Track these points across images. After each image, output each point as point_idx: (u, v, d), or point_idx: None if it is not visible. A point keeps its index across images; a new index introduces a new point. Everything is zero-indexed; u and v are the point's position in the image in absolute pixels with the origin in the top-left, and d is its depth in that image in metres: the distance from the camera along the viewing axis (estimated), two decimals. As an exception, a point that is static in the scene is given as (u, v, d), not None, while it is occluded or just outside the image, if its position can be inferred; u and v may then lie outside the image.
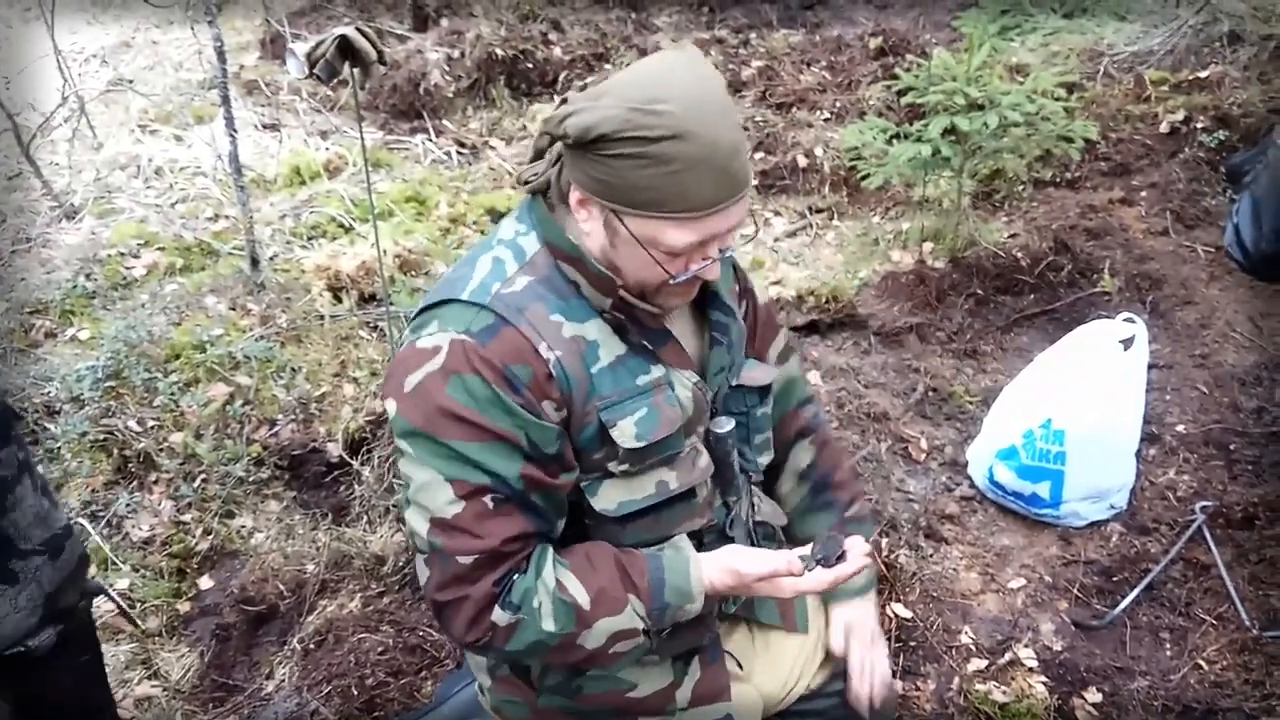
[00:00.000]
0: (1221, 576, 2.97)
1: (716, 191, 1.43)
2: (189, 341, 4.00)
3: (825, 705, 2.02)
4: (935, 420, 3.71)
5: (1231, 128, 4.94)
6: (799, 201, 5.29)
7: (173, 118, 6.19)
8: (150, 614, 3.16)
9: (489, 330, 1.50)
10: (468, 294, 1.53)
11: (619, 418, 1.59)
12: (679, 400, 1.65)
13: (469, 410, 1.49)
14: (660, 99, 1.38)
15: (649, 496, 1.66)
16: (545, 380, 1.52)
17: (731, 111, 1.46)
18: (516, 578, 1.57)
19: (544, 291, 1.56)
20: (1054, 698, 2.70)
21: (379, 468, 3.51)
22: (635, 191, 1.42)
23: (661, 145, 1.38)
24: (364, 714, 2.73)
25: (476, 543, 1.53)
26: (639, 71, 1.45)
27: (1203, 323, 3.96)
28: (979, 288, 4.22)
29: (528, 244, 1.60)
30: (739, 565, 1.63)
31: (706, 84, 1.43)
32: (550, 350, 1.52)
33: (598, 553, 1.63)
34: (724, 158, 1.41)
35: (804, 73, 6.39)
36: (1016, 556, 3.18)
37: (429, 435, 1.51)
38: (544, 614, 1.56)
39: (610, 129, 1.38)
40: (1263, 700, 2.65)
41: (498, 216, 5.16)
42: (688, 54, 1.48)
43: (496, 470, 1.51)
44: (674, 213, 1.43)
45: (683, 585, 1.62)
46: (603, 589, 1.58)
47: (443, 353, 1.50)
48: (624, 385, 1.60)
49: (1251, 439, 3.45)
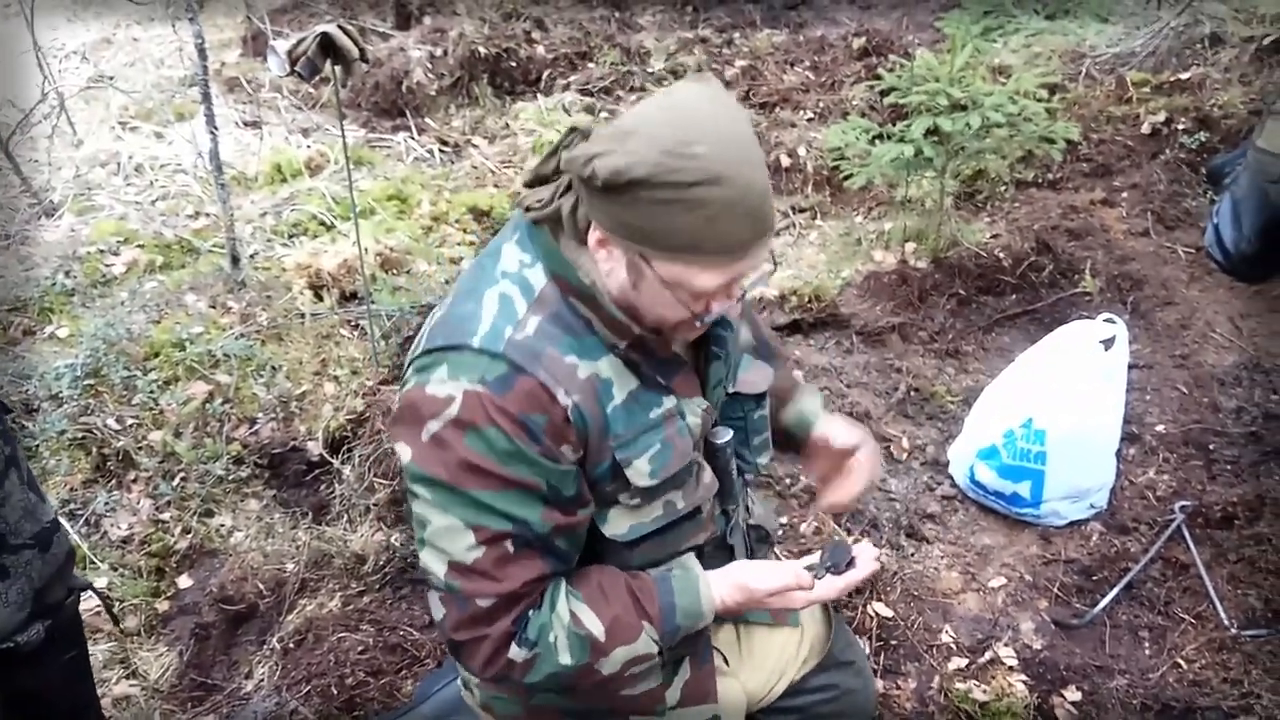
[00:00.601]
0: (1200, 576, 2.98)
1: (748, 233, 1.40)
2: (168, 339, 3.98)
3: (808, 701, 2.03)
4: (917, 420, 3.72)
5: (1212, 129, 4.97)
6: (782, 201, 5.29)
7: (153, 115, 6.16)
8: (129, 613, 3.14)
9: (503, 380, 1.46)
10: (479, 341, 1.48)
11: (634, 456, 1.57)
12: (689, 429, 1.64)
13: (489, 462, 1.46)
14: (693, 140, 1.33)
15: (658, 519, 1.65)
16: (563, 424, 1.49)
17: (759, 151, 1.41)
18: (531, 613, 1.56)
19: (556, 331, 1.52)
20: (1034, 696, 2.71)
21: (359, 466, 3.50)
22: (668, 235, 1.38)
23: (696, 190, 1.33)
24: (344, 713, 2.72)
25: (496, 586, 1.52)
26: (666, 109, 1.39)
27: (1183, 323, 3.98)
28: (961, 288, 4.23)
29: (534, 277, 1.54)
30: (749, 582, 1.63)
31: (736, 124, 1.39)
32: (568, 396, 1.49)
33: (609, 581, 1.62)
34: (757, 199, 1.38)
35: (787, 73, 6.40)
36: (997, 556, 3.18)
37: (450, 486, 1.48)
38: (560, 648, 1.56)
39: (643, 173, 1.33)
40: (1241, 699, 2.66)
41: (480, 215, 5.15)
42: (712, 88, 1.43)
43: (519, 516, 1.50)
44: (707, 256, 1.40)
45: (693, 607, 1.63)
46: (616, 618, 1.58)
47: (456, 403, 1.46)
48: (638, 421, 1.58)
49: (1231, 439, 3.47)
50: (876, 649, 2.84)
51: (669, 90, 1.45)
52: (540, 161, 1.57)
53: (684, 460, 1.63)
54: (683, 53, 6.85)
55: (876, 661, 2.80)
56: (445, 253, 4.83)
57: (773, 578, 1.62)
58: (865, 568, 1.62)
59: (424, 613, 2.99)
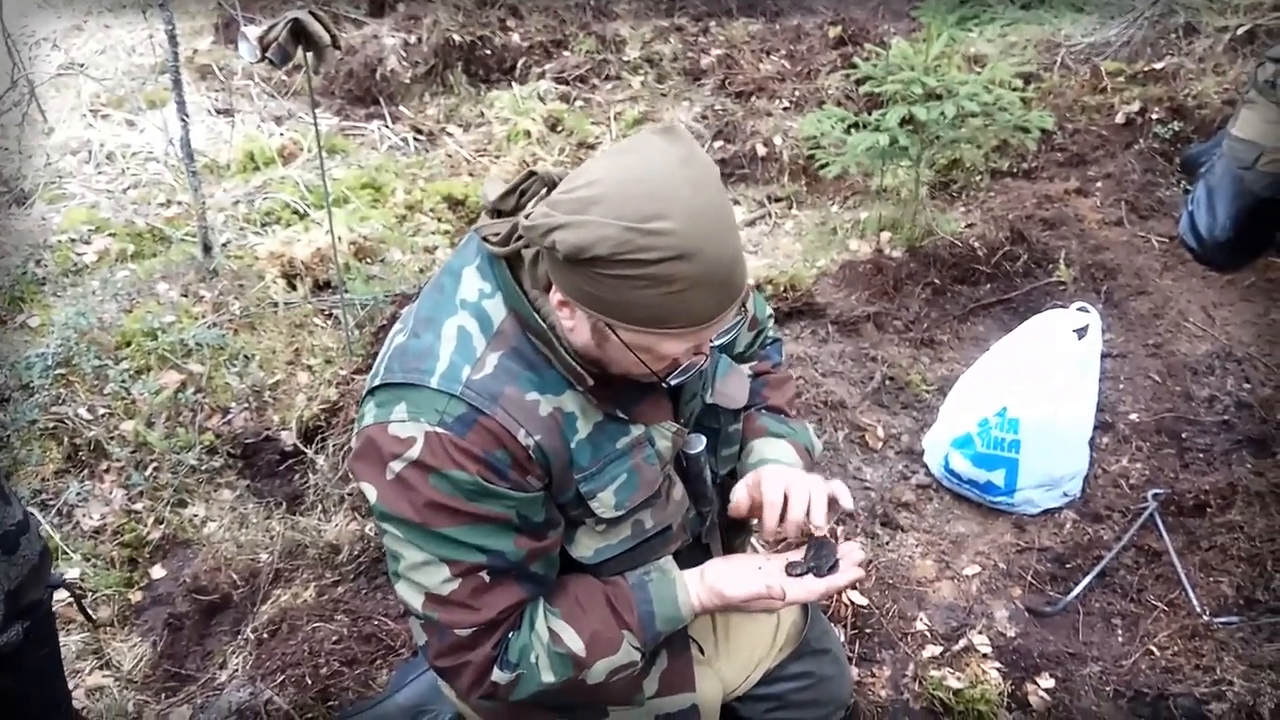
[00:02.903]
0: (1173, 563, 3.00)
1: (717, 304, 1.37)
2: (140, 329, 3.95)
3: (785, 689, 2.03)
4: (892, 409, 3.73)
5: (1186, 119, 4.99)
6: (758, 190, 5.30)
7: (125, 102, 6.09)
8: (101, 603, 3.12)
9: (463, 421, 1.44)
10: (437, 381, 1.45)
11: (598, 489, 1.56)
12: (659, 454, 1.62)
13: (456, 501, 1.45)
14: (659, 215, 1.28)
15: (625, 539, 1.64)
16: (526, 460, 1.48)
17: (730, 214, 1.37)
18: (512, 636, 1.56)
19: (516, 367, 1.49)
20: (1008, 683, 2.72)
21: (333, 456, 3.48)
22: (632, 309, 1.34)
23: (662, 267, 1.29)
24: (318, 703, 2.71)
25: (474, 615, 1.52)
26: (630, 176, 1.32)
27: (1156, 312, 4.00)
28: (936, 277, 4.23)
29: (493, 309, 1.51)
30: (724, 589, 1.63)
31: (706, 190, 1.33)
32: (529, 436, 1.47)
33: (586, 592, 1.62)
34: (725, 271, 1.34)
35: (763, 61, 6.38)
36: (971, 544, 3.20)
37: (418, 525, 1.47)
38: (542, 667, 1.56)
39: (606, 251, 1.28)
40: (1213, 685, 2.68)
41: (454, 204, 5.13)
42: (681, 146, 1.36)
43: (492, 548, 1.49)
44: (674, 329, 1.37)
45: (672, 613, 1.62)
46: (596, 633, 1.58)
47: (418, 445, 1.44)
48: (603, 452, 1.56)
49: (1203, 427, 3.49)
50: (852, 637, 2.85)
51: (635, 144, 1.38)
52: (499, 197, 1.51)
53: (651, 488, 1.61)
54: (658, 41, 6.83)
55: (852, 649, 2.81)
56: (419, 241, 4.81)
57: (748, 585, 1.61)
58: (848, 574, 1.61)
59: (399, 603, 2.98)
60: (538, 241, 1.34)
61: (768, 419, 1.92)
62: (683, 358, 1.47)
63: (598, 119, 6.01)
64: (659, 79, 6.41)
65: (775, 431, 1.89)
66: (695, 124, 5.79)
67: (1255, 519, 3.05)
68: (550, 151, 5.62)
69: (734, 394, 1.78)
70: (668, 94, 6.24)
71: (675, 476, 1.70)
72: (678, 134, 1.37)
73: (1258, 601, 2.89)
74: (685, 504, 1.72)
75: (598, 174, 1.33)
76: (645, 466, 1.60)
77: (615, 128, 5.89)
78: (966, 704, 2.67)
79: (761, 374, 2.01)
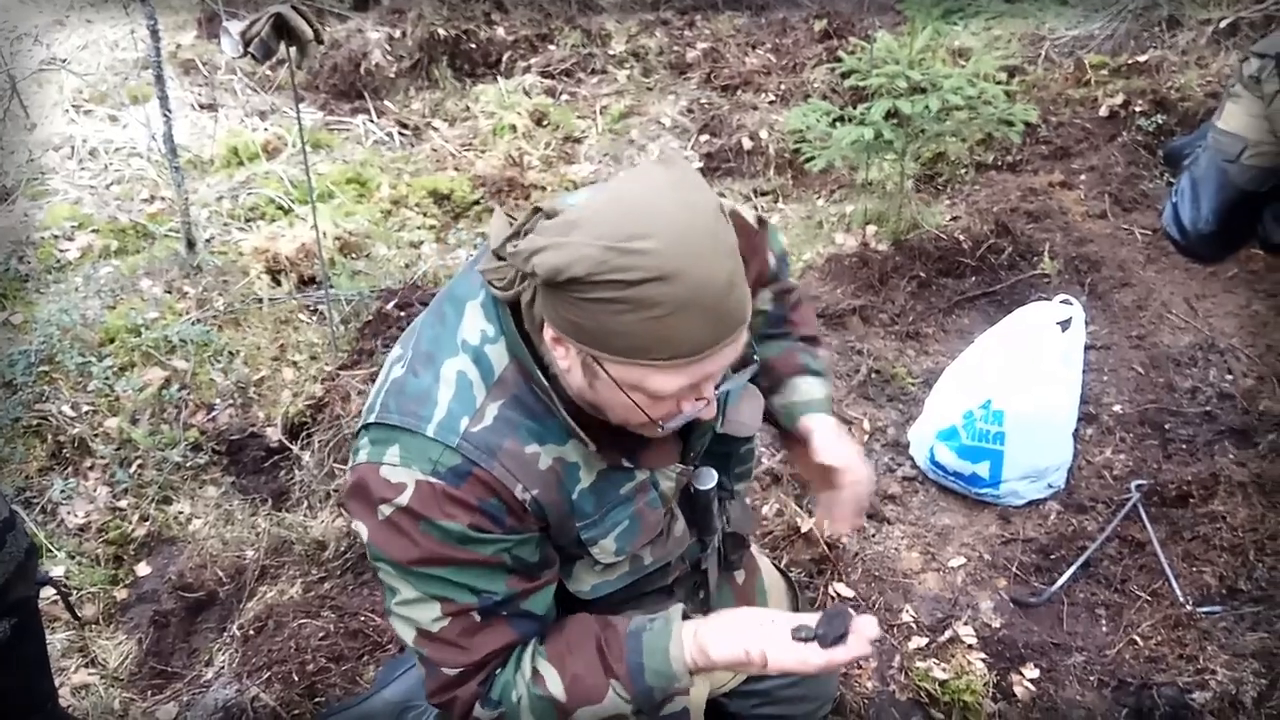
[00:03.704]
0: (1156, 553, 3.02)
1: (707, 334, 1.26)
2: (124, 325, 3.94)
3: (771, 685, 2.03)
4: (878, 402, 3.74)
5: (1169, 112, 5.00)
6: (744, 184, 5.30)
7: (107, 98, 6.07)
8: (87, 601, 3.11)
9: (457, 472, 1.40)
10: (434, 430, 1.40)
11: (599, 536, 1.53)
12: (662, 495, 1.58)
13: (447, 548, 1.42)
14: (641, 234, 1.20)
15: (623, 575, 1.62)
16: (521, 511, 1.44)
17: (725, 240, 1.27)
18: (498, 672, 1.54)
19: (516, 416, 1.43)
20: (993, 674, 2.73)
21: (319, 452, 3.48)
22: (614, 337, 1.25)
23: (643, 288, 1.20)
24: (305, 700, 2.71)
25: (462, 655, 1.50)
26: (618, 198, 1.26)
27: (1139, 304, 4.01)
28: (921, 270, 4.24)
29: (495, 356, 1.44)
30: (710, 649, 1.51)
31: (695, 211, 1.24)
32: (525, 491, 1.43)
33: (578, 635, 1.57)
34: (715, 297, 1.24)
35: (749, 55, 6.39)
36: (957, 536, 3.21)
37: (409, 569, 1.44)
38: (523, 709, 1.53)
39: (582, 271, 1.21)
40: (1196, 674, 2.70)
41: (440, 199, 5.12)
42: (674, 172, 1.29)
43: (483, 589, 1.47)
44: (659, 360, 1.27)
45: (663, 669, 1.52)
46: (576, 676, 1.52)
47: (408, 492, 1.40)
48: (607, 498, 1.52)
49: (1186, 418, 3.51)
50: (838, 629, 2.85)
51: (633, 171, 1.32)
52: (507, 237, 1.40)
53: (654, 531, 1.58)
54: (644, 35, 6.83)
55: (838, 642, 2.81)
56: (405, 237, 4.80)
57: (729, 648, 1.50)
58: (853, 649, 1.46)
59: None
60: (520, 267, 1.29)
61: (806, 356, 1.86)
62: (683, 403, 1.39)
63: (583, 113, 6.01)
64: (645, 73, 6.41)
65: (814, 369, 1.84)
66: (681, 118, 5.80)
67: (1238, 509, 3.06)
68: (536, 146, 5.61)
69: (748, 421, 1.68)
70: (653, 88, 6.24)
71: (678, 512, 1.66)
72: (672, 160, 1.31)
73: (1240, 591, 2.90)
74: (686, 540, 1.68)
75: (586, 198, 1.29)
76: (648, 511, 1.57)
77: (601, 122, 5.88)
78: (952, 695, 2.68)
79: (783, 293, 1.91)
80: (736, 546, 1.91)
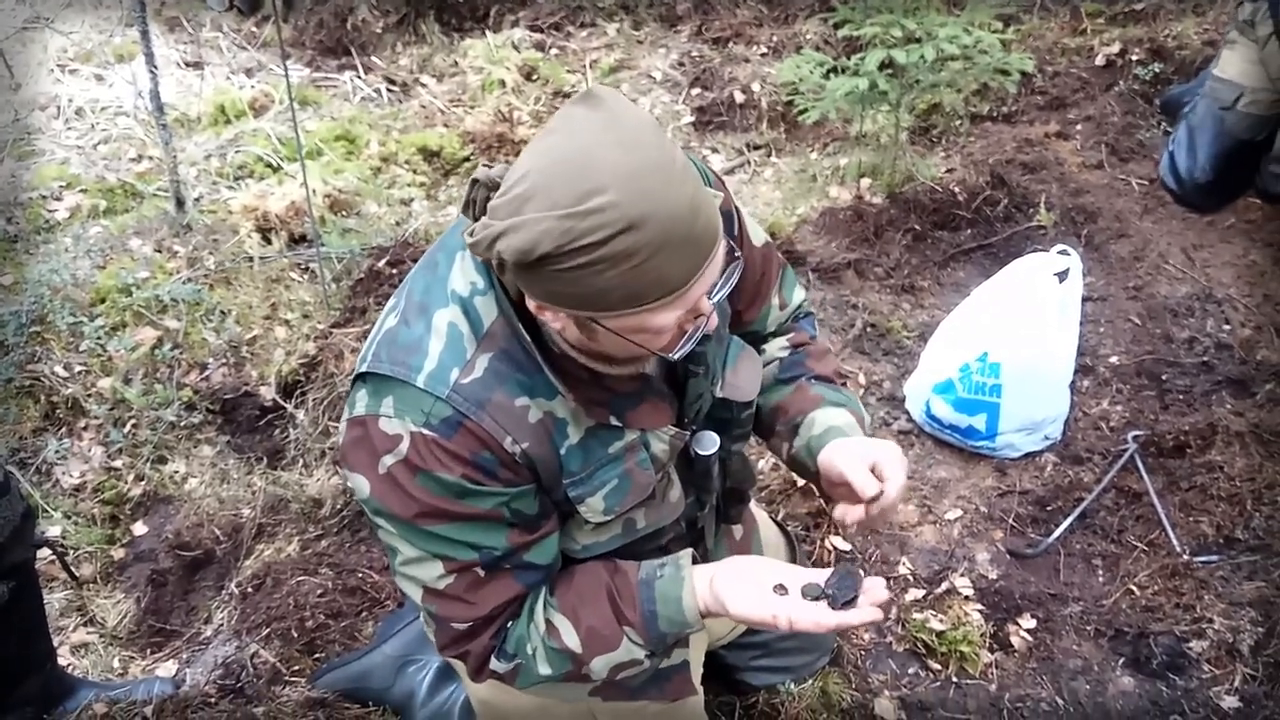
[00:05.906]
0: (1153, 504, 3.02)
1: (689, 262, 1.27)
2: (114, 285, 3.91)
3: (769, 637, 2.05)
4: (873, 355, 3.73)
5: (1166, 60, 4.96)
6: (736, 138, 5.25)
7: (93, 57, 5.99)
8: (84, 561, 3.11)
9: (449, 424, 1.40)
10: (424, 380, 1.40)
11: (587, 494, 1.54)
12: (654, 457, 1.58)
13: (445, 501, 1.42)
14: (593, 190, 1.18)
15: (615, 537, 1.63)
16: (512, 463, 1.44)
17: (675, 164, 1.24)
18: (510, 625, 1.56)
19: (506, 370, 1.43)
20: (990, 625, 2.75)
21: (313, 410, 3.47)
22: (603, 295, 1.25)
23: (614, 243, 1.19)
24: (304, 656, 2.72)
25: (470, 610, 1.51)
26: (560, 160, 1.22)
27: (1136, 255, 4.00)
28: (916, 223, 4.22)
29: (484, 308, 1.44)
30: (729, 603, 1.52)
31: (639, 150, 1.22)
32: (515, 444, 1.43)
33: (589, 586, 1.58)
34: (685, 225, 1.23)
35: (740, 6, 6.31)
36: (953, 488, 3.21)
37: (410, 524, 1.45)
38: (538, 660, 1.55)
39: (551, 246, 1.19)
40: (1193, 624, 2.71)
41: (430, 155, 5.07)
42: (601, 112, 1.25)
43: (484, 544, 1.47)
44: (651, 302, 1.27)
45: (676, 616, 1.56)
46: (591, 629, 1.54)
47: (405, 444, 1.40)
48: (595, 456, 1.52)
49: (1183, 369, 3.50)
50: (835, 582, 2.86)
51: (557, 122, 1.27)
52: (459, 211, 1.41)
53: (644, 493, 1.58)
54: (634, -13, 6.75)
55: (835, 595, 2.82)
56: (395, 194, 4.76)
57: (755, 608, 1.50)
58: (864, 613, 1.47)
59: (383, 554, 2.98)
60: (486, 256, 1.27)
61: (821, 388, 1.84)
62: (685, 326, 1.39)
63: (573, 67, 5.94)
64: (635, 26, 6.34)
65: (833, 400, 1.80)
66: (672, 71, 5.74)
67: (1235, 459, 3.07)
68: (526, 101, 5.55)
69: (745, 385, 1.69)
70: (644, 41, 6.17)
71: (674, 476, 1.67)
72: (597, 97, 1.26)
73: (1237, 540, 2.91)
74: (682, 504, 1.69)
75: (526, 166, 1.24)
76: (638, 471, 1.57)
77: (591, 76, 5.82)
78: (949, 645, 2.69)
79: (800, 345, 1.92)
80: (736, 502, 1.91)
